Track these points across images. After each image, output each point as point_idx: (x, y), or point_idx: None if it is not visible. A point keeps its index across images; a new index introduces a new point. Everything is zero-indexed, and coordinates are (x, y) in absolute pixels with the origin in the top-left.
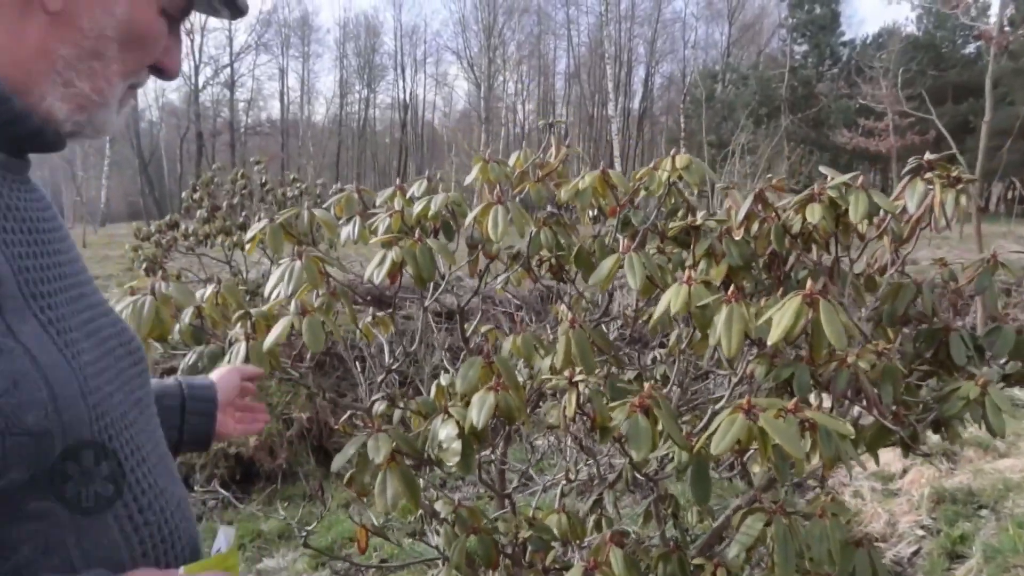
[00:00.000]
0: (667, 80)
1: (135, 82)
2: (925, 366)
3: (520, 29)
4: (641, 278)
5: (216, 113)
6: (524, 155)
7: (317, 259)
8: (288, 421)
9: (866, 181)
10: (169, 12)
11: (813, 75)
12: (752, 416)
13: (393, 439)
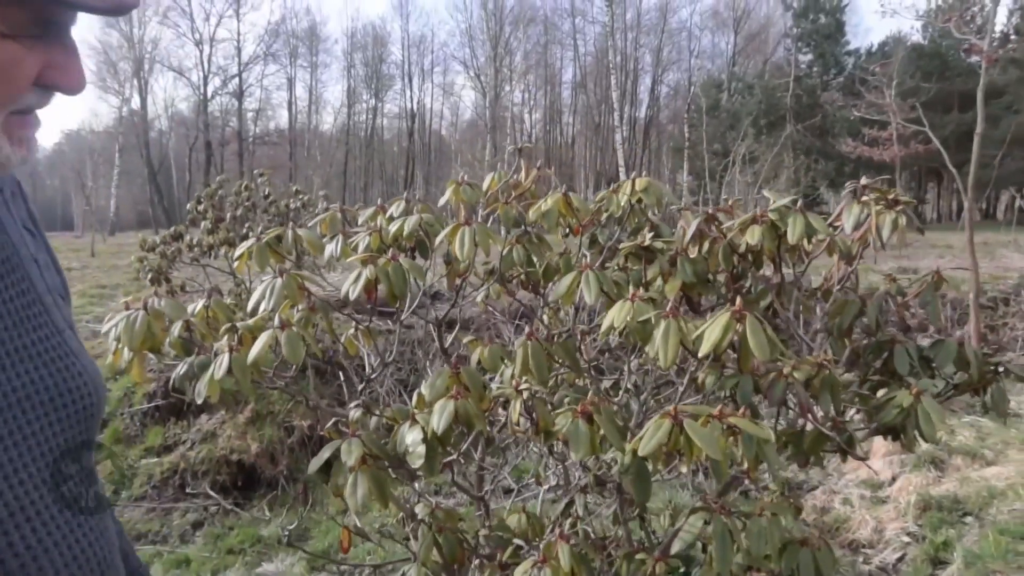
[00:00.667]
0: (673, 89)
1: (17, 108)
2: (877, 376)
3: (527, 39)
4: (597, 293)
5: (225, 123)
6: (499, 176)
7: (297, 276)
8: (289, 429)
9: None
10: (12, 33)
11: (818, 84)
12: (677, 421)
13: (364, 444)
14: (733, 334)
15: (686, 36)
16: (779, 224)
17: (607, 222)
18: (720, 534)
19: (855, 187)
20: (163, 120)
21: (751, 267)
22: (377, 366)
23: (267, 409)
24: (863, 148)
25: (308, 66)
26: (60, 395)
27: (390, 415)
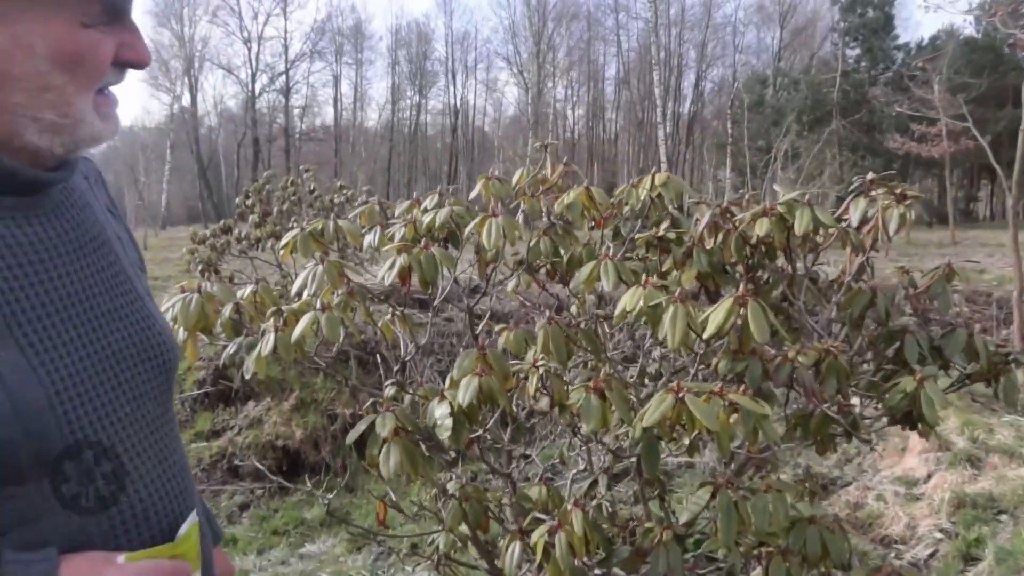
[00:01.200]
0: (717, 85)
1: (103, 86)
2: (890, 365)
3: (570, 35)
4: (615, 281)
5: (272, 119)
6: (527, 171)
7: (337, 263)
8: (332, 416)
9: (919, 188)
10: (91, 23)
11: (866, 79)
12: (679, 396)
13: (397, 417)
14: (736, 318)
15: (730, 31)
16: (787, 217)
17: (629, 215)
18: (725, 507)
19: (863, 181)
20: (212, 117)
21: (765, 258)
22: (411, 349)
23: (311, 397)
24: (911, 144)
25: (353, 63)
26: (145, 350)
27: (422, 393)
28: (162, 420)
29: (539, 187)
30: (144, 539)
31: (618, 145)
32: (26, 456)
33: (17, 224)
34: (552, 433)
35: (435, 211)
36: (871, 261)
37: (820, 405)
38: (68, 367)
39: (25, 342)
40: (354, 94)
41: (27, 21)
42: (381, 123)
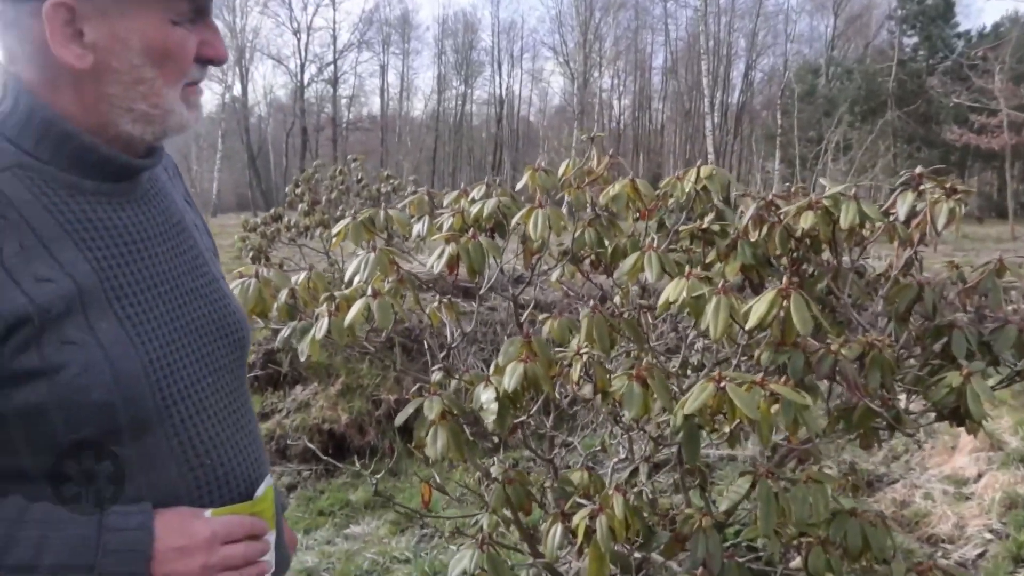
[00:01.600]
0: (767, 75)
1: (189, 80)
2: (937, 360)
3: (617, 24)
4: (658, 272)
5: (320, 109)
6: (572, 163)
7: (388, 251)
8: (377, 402)
9: (967, 182)
10: (179, 21)
11: (923, 68)
12: (720, 385)
13: (444, 401)
14: (779, 310)
15: (782, 19)
16: (833, 210)
17: (674, 207)
18: (765, 497)
19: (911, 175)
20: (262, 106)
21: (810, 251)
22: (457, 336)
23: (356, 382)
24: (970, 136)
25: (400, 53)
26: (223, 327)
27: (468, 379)
28: (238, 392)
29: (585, 178)
30: (224, 500)
31: (664, 135)
32: (124, 419)
33: (113, 208)
34: (593, 423)
35: (483, 201)
36: (919, 255)
37: (863, 398)
38: (159, 339)
39: (123, 315)
40: (400, 84)
41: (124, 19)
42: (427, 113)
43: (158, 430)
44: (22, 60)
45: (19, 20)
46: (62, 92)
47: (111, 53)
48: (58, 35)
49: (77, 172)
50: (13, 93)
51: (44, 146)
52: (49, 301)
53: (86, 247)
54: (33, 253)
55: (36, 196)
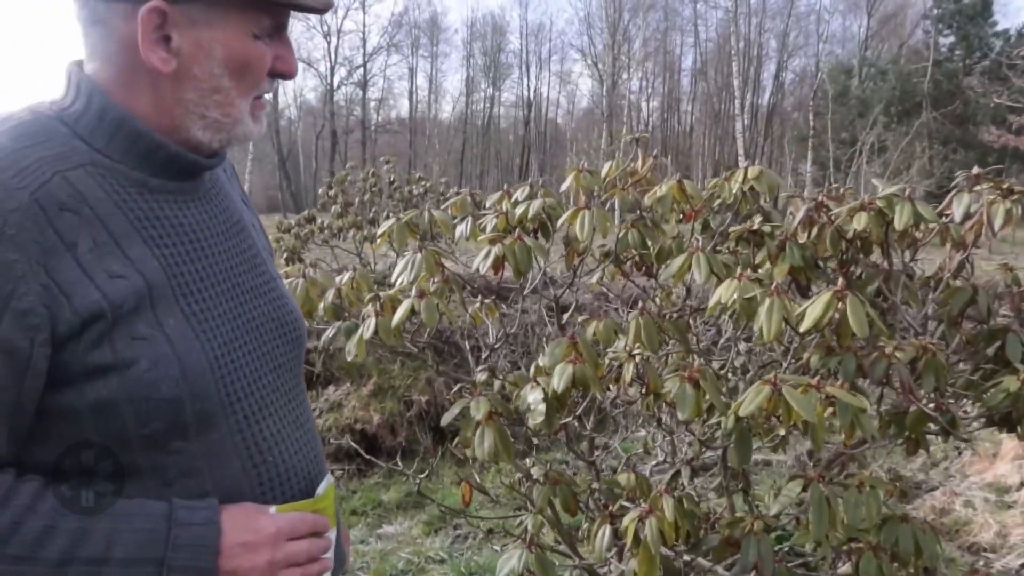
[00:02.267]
0: (799, 76)
1: (259, 93)
2: (990, 365)
3: (646, 26)
4: (707, 274)
5: (349, 111)
6: (616, 164)
7: (434, 252)
8: (408, 403)
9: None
10: (261, 35)
11: (960, 68)
12: (776, 387)
13: (491, 401)
14: (834, 311)
15: (814, 20)
16: (886, 211)
17: (719, 209)
18: (817, 500)
19: (967, 175)
20: (292, 109)
21: (859, 253)
22: (500, 336)
23: (388, 383)
24: (1008, 137)
25: (429, 56)
26: (281, 325)
27: (512, 380)
28: (296, 390)
29: (628, 180)
30: (286, 496)
31: (693, 137)
32: (191, 414)
33: (179, 206)
34: (628, 426)
35: (527, 202)
36: (971, 258)
37: (917, 402)
38: (223, 336)
39: (189, 311)
40: (429, 86)
41: (211, 29)
42: (455, 115)
43: (222, 426)
44: (101, 57)
45: (108, 19)
46: (138, 93)
47: (194, 60)
48: (148, 38)
49: (145, 170)
50: (87, 93)
51: (115, 145)
52: (122, 297)
53: (154, 244)
54: (105, 249)
55: (108, 193)
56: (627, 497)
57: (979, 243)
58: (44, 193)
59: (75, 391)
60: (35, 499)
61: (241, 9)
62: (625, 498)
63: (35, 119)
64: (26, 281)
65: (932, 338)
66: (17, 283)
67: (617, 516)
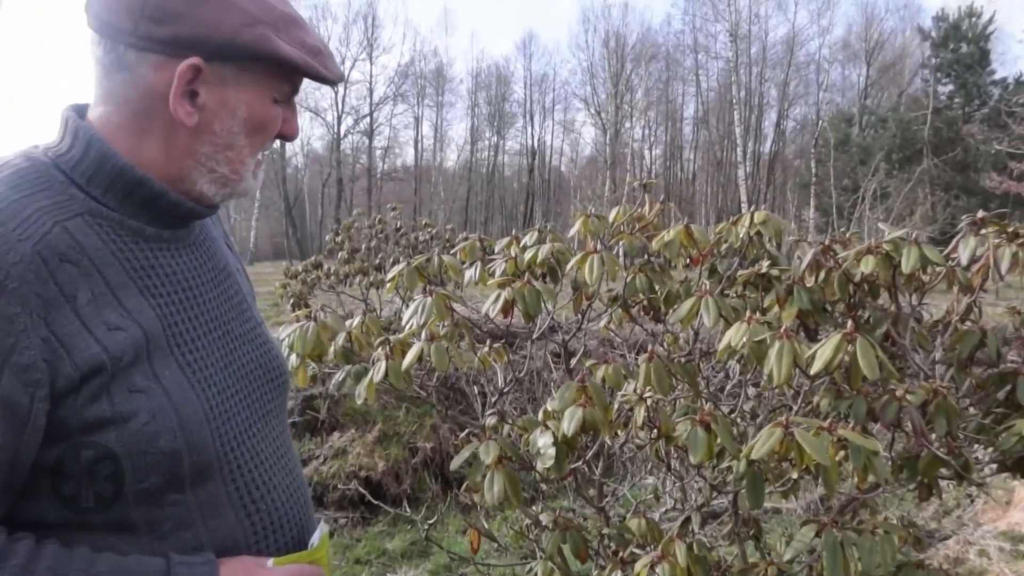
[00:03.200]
0: (800, 124)
1: (264, 151)
2: (1001, 409)
3: (648, 76)
4: (715, 317)
5: (355, 160)
6: (624, 210)
7: (444, 296)
8: (414, 450)
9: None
10: (279, 99)
11: (959, 116)
12: (788, 430)
13: (500, 445)
14: (844, 354)
15: (814, 69)
16: (893, 255)
17: (726, 253)
18: (831, 546)
19: (972, 219)
20: (299, 157)
21: (867, 297)
22: (509, 381)
23: (393, 430)
24: (1010, 183)
25: (434, 105)
26: (268, 371)
27: (521, 424)
28: (283, 436)
29: (635, 224)
30: (280, 544)
31: (696, 185)
32: (188, 466)
33: (172, 254)
34: (636, 473)
35: (536, 247)
36: (978, 302)
37: (929, 445)
38: (216, 385)
39: (183, 361)
40: (434, 135)
41: (238, 89)
42: (460, 163)
43: (217, 476)
44: (117, 102)
45: (136, 67)
46: (149, 140)
47: (216, 116)
48: (179, 91)
49: (142, 218)
50: (84, 139)
51: (113, 193)
52: (121, 349)
53: (150, 294)
54: (103, 301)
55: (105, 243)
56: (638, 543)
57: (985, 287)
58: (45, 245)
59: (72, 446)
60: (30, 559)
61: (269, 75)
62: (636, 544)
63: (32, 166)
64: (27, 335)
65: (942, 382)
66: (19, 337)
67: (628, 562)
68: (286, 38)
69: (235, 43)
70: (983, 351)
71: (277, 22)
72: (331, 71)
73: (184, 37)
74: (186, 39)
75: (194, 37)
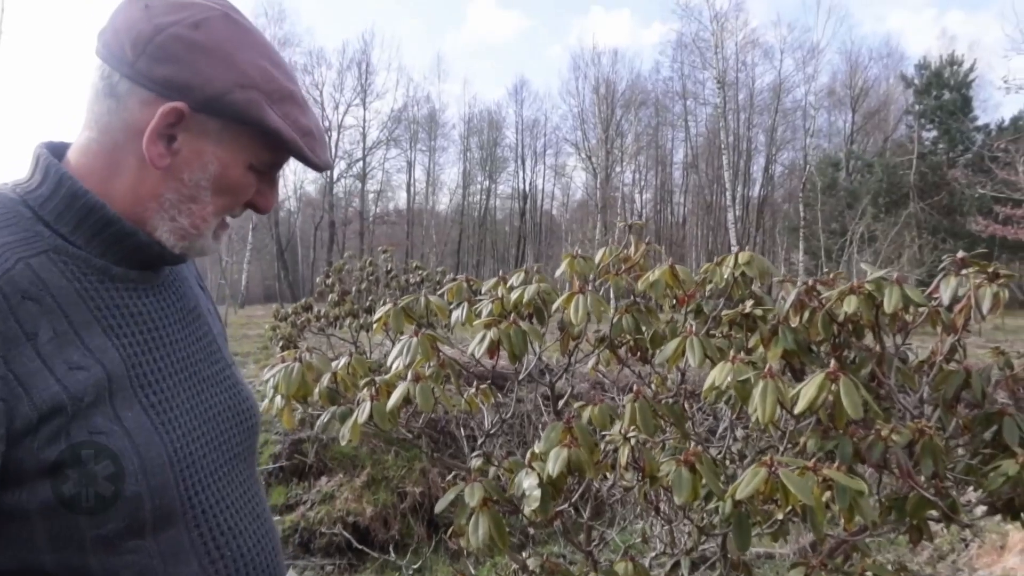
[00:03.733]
0: (788, 168)
1: (230, 215)
2: (988, 449)
3: (638, 121)
4: (701, 358)
5: (348, 203)
6: (610, 251)
7: (430, 336)
8: (402, 494)
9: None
10: (256, 167)
11: (944, 161)
12: (773, 470)
13: (485, 487)
14: (828, 394)
15: (800, 115)
16: (876, 294)
17: (712, 294)
18: None
19: (953, 259)
20: (292, 201)
21: (851, 337)
22: (495, 422)
23: (382, 474)
24: (995, 227)
25: (427, 150)
26: (237, 414)
27: (507, 466)
28: (251, 480)
29: (621, 265)
30: None
31: (686, 228)
32: (150, 511)
33: (138, 295)
34: (628, 516)
35: (523, 287)
36: (963, 342)
37: (916, 486)
38: (181, 428)
39: (147, 403)
40: (427, 179)
41: (216, 145)
42: (452, 207)
43: (179, 521)
44: (99, 129)
45: (124, 97)
46: (120, 175)
47: (187, 165)
48: (156, 131)
49: (109, 258)
50: (54, 177)
51: (81, 231)
52: (82, 389)
53: (113, 334)
54: (65, 339)
55: (69, 281)
56: None
57: (972, 329)
58: (7, 281)
59: (26, 490)
60: None
61: (252, 138)
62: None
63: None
64: None
65: (929, 422)
66: None
67: None
68: (278, 110)
69: (223, 100)
70: (968, 391)
71: (273, 93)
72: (318, 155)
73: (177, 81)
74: (178, 83)
75: (186, 84)
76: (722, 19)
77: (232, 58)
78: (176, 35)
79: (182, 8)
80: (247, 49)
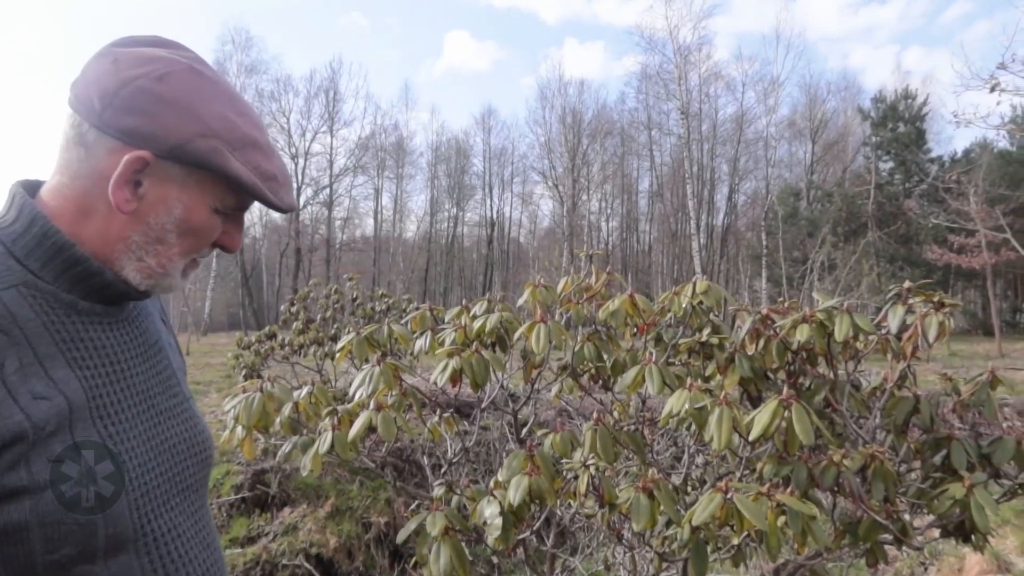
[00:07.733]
0: (750, 197)
1: (196, 256)
2: (939, 473)
3: (604, 151)
4: (659, 385)
5: (314, 230)
6: (572, 280)
7: (393, 365)
8: (367, 525)
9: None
10: (221, 210)
11: (900, 191)
12: (727, 496)
13: (447, 516)
14: (781, 420)
15: (762, 146)
16: (827, 323)
17: (672, 322)
18: None
19: (900, 289)
20: (257, 228)
21: (805, 364)
22: (458, 451)
23: (346, 504)
24: (950, 255)
25: (394, 177)
26: (192, 446)
27: (469, 494)
28: (203, 511)
29: (583, 295)
30: None
31: (652, 256)
32: (103, 537)
33: (103, 328)
34: (590, 545)
35: (485, 316)
36: (912, 369)
37: (868, 510)
38: (137, 458)
39: (105, 433)
40: (394, 206)
41: (181, 190)
42: (419, 234)
43: (131, 548)
44: (70, 175)
45: (93, 146)
46: (89, 218)
47: (152, 210)
48: (122, 178)
49: (77, 293)
50: (29, 216)
51: (50, 268)
52: (44, 418)
53: (77, 366)
54: (31, 370)
55: (37, 314)
56: None
57: (929, 355)
58: None
59: None
60: None
61: (215, 183)
62: None
63: None
64: None
65: (882, 447)
66: None
67: None
68: (240, 157)
69: (185, 149)
70: (917, 416)
71: (235, 141)
72: (281, 199)
73: (141, 131)
74: (143, 134)
75: (150, 134)
76: (685, 52)
77: (195, 109)
78: (141, 88)
79: (148, 62)
80: (210, 100)
